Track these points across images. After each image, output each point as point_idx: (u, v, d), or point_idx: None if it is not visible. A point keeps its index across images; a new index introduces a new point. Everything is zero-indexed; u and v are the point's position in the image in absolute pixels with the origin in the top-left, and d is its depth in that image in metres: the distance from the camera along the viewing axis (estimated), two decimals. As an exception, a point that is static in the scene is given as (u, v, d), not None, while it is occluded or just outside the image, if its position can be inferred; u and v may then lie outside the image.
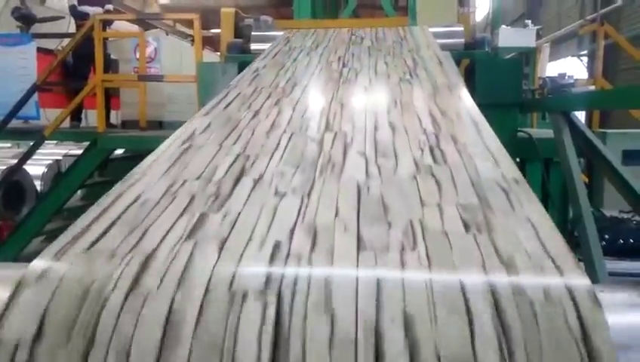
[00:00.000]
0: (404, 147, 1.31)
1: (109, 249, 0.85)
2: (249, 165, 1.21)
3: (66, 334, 0.73)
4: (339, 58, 2.58)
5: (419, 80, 2.07)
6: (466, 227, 0.90)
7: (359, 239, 0.86)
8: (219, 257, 0.80)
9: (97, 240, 0.89)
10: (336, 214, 0.95)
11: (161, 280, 0.75)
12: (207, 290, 0.73)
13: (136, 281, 0.77)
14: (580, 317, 0.70)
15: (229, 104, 1.81)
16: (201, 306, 0.71)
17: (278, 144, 1.35)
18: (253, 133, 1.45)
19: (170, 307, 0.72)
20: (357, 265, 0.78)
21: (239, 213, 0.97)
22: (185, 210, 1.00)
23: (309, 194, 1.04)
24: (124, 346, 0.69)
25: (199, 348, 0.67)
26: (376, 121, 1.53)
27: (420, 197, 1.02)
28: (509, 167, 1.16)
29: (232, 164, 1.21)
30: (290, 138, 1.40)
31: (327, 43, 2.97)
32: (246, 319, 0.69)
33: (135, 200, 1.05)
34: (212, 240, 0.86)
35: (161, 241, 0.86)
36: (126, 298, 0.74)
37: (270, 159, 1.24)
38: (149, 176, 1.17)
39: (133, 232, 0.90)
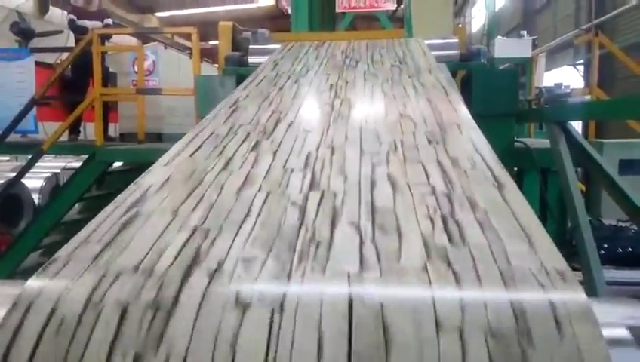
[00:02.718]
0: (409, 216, 1.02)
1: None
2: (206, 247, 0.92)
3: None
4: (331, 86, 2.31)
5: (423, 118, 1.78)
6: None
7: None
8: None
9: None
10: (320, 350, 0.72)
11: None
12: None
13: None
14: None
15: (198, 148, 1.53)
16: None
17: (249, 210, 1.08)
18: (220, 193, 1.18)
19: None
20: None
21: (184, 350, 0.73)
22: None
23: (281, 308, 0.76)
24: None
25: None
26: (373, 174, 1.26)
27: (434, 304, 0.75)
28: (548, 250, 0.88)
29: (183, 246, 0.93)
30: (265, 200, 1.12)
31: (319, 67, 2.75)
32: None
33: None
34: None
35: None
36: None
37: (235, 236, 0.96)
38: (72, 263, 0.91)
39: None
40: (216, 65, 5.33)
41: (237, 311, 0.75)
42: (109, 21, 6.27)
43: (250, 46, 3.84)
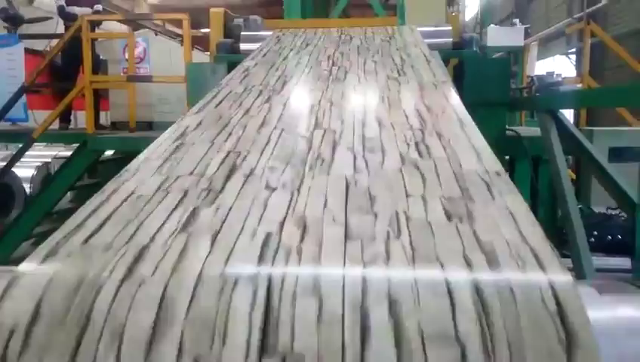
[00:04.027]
0: (391, 142, 1.34)
1: (103, 243, 0.88)
2: (239, 162, 1.23)
3: (61, 320, 0.74)
4: (328, 57, 2.58)
5: (406, 78, 2.11)
6: (449, 217, 0.94)
7: (347, 228, 0.90)
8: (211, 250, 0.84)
9: (92, 235, 0.91)
10: (325, 206, 0.99)
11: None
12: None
13: (130, 270, 0.79)
14: (557, 298, 0.73)
15: (221, 102, 1.82)
16: (194, 290, 0.75)
17: (269, 140, 1.37)
18: (244, 130, 1.47)
19: (164, 293, 0.74)
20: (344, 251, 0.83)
21: (231, 207, 1.00)
22: (178, 204, 1.02)
23: (298, 189, 1.07)
24: (118, 328, 0.72)
25: (191, 329, 0.70)
26: (365, 118, 1.55)
27: (406, 189, 1.06)
28: (491, 161, 1.20)
29: (223, 161, 1.23)
30: (280, 134, 1.42)
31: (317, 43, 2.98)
32: (237, 300, 0.72)
33: (128, 197, 1.07)
34: (205, 233, 0.90)
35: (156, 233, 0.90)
36: (120, 285, 0.77)
37: (260, 156, 1.26)
38: (141, 173, 1.18)
39: (128, 226, 0.93)
40: (208, 53, 5.29)
41: (266, 191, 1.06)
42: (99, 7, 6.20)
43: (242, 33, 3.81)
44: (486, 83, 3.34)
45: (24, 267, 0.83)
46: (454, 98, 1.79)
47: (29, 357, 0.72)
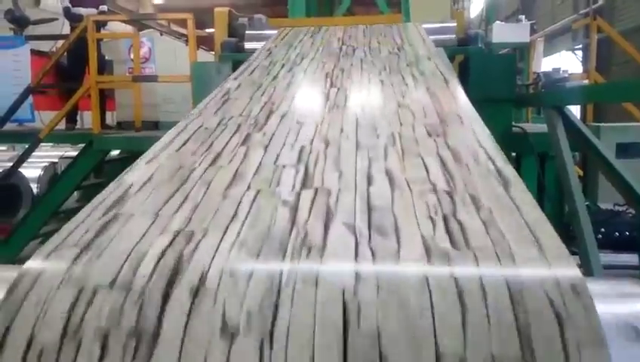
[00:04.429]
0: (408, 216, 0.95)
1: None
2: (188, 253, 0.84)
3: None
4: (326, 75, 2.26)
5: (421, 105, 1.71)
6: None
7: None
8: None
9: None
10: None
11: None
12: None
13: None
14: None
15: (185, 142, 1.45)
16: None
17: (237, 210, 1.00)
18: (206, 191, 1.10)
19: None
20: None
21: None
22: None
23: (271, 331, 0.72)
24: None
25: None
26: (370, 172, 1.17)
27: (434, 318, 0.72)
28: (558, 252, 0.81)
29: (163, 253, 0.85)
30: (254, 199, 1.05)
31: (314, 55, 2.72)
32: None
33: None
34: None
35: None
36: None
37: (222, 238, 0.89)
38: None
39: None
40: (213, 52, 5.30)
41: (223, 341, 0.71)
42: (104, 8, 6.22)
43: (247, 32, 3.82)
44: (492, 79, 3.33)
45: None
46: (485, 136, 1.37)
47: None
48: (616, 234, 4.59)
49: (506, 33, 8.51)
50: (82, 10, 5.87)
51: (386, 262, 0.80)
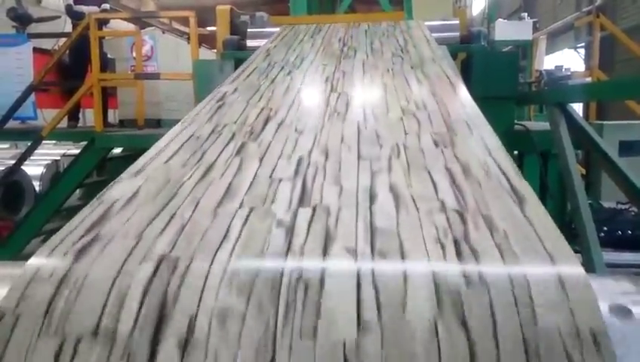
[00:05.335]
0: (415, 238, 0.88)
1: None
2: (173, 289, 0.78)
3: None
4: (327, 78, 2.20)
5: (426, 112, 1.61)
6: None
7: None
8: None
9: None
10: None
11: None
12: None
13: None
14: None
15: (176, 153, 1.36)
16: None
17: (228, 231, 0.92)
18: (195, 209, 1.02)
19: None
20: None
21: None
22: None
23: None
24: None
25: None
26: (373, 185, 1.10)
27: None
28: (580, 288, 0.75)
29: (146, 288, 0.78)
30: (246, 219, 0.97)
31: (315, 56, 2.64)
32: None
33: None
34: None
35: None
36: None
37: (209, 268, 0.81)
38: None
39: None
40: (215, 50, 5.30)
41: None
42: (106, 6, 6.22)
43: (249, 29, 3.82)
44: (494, 77, 3.32)
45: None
46: (496, 145, 1.30)
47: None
48: (619, 232, 4.58)
49: (508, 31, 8.50)
50: (84, 8, 5.87)
51: (392, 306, 0.73)
